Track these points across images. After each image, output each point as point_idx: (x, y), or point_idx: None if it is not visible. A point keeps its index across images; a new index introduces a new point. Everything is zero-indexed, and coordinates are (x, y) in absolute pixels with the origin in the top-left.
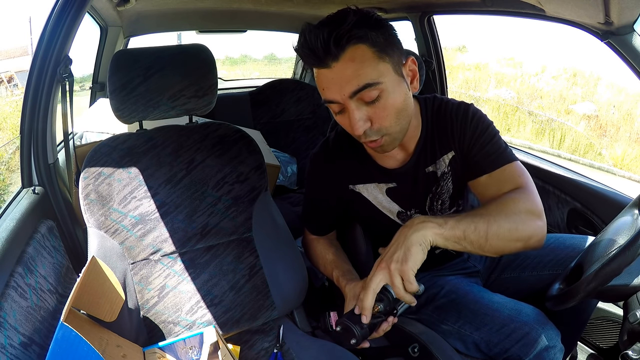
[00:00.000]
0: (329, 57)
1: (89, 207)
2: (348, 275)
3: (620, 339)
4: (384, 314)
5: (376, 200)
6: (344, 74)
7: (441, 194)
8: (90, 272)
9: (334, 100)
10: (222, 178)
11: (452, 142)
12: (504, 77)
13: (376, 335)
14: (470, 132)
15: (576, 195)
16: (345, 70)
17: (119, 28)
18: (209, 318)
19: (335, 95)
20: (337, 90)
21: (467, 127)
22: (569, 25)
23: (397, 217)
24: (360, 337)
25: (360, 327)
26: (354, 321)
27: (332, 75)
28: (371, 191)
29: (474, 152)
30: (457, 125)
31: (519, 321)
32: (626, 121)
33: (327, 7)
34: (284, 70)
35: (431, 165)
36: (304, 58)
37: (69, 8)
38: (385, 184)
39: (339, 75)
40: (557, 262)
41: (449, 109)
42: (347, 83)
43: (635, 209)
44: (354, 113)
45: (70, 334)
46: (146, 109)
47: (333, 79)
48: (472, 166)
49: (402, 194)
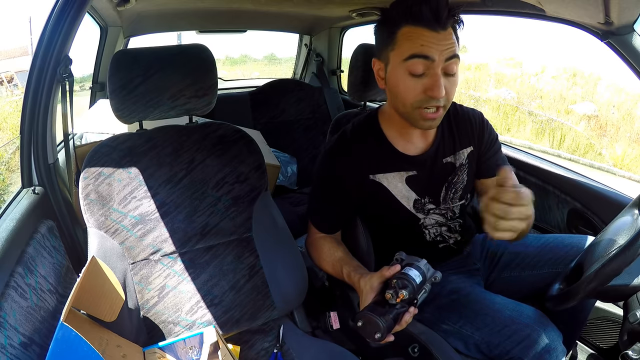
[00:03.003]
0: (442, 22)
1: (89, 207)
2: (360, 270)
3: (620, 339)
4: (407, 303)
5: (396, 190)
6: (447, 41)
7: (456, 184)
8: (90, 272)
9: (431, 57)
10: (222, 178)
11: (472, 139)
12: (504, 77)
13: (399, 327)
14: (486, 136)
15: (576, 195)
16: (448, 38)
17: (119, 28)
18: (209, 318)
19: (434, 53)
20: (438, 51)
21: (484, 131)
22: (569, 25)
23: (413, 205)
24: (385, 330)
25: (385, 318)
26: (378, 313)
27: (437, 38)
28: (391, 180)
29: (488, 155)
30: (476, 127)
31: (520, 322)
32: (626, 121)
33: (327, 7)
34: (284, 70)
35: (450, 157)
36: (417, 14)
37: (69, 8)
38: (406, 172)
39: (443, 40)
40: (557, 261)
41: (466, 110)
42: (448, 48)
43: (635, 209)
44: (441, 78)
45: (70, 334)
46: (146, 109)
47: (437, 41)
48: (483, 167)
49: (420, 181)
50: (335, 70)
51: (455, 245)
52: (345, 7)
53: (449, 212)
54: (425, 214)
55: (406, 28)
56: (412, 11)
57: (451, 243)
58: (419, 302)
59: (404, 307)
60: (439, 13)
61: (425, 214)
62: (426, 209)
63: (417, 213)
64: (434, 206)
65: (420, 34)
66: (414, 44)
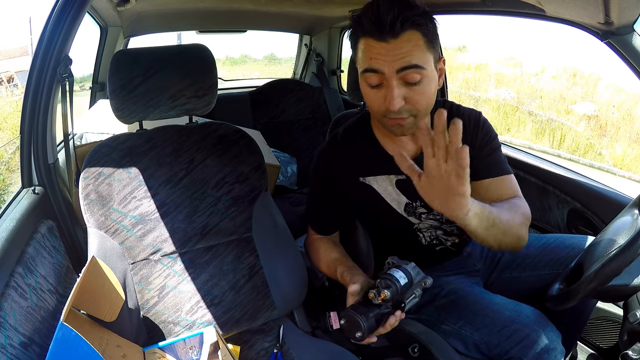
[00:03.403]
0: (391, 32)
1: (89, 207)
2: (354, 271)
3: (620, 339)
4: (391, 305)
5: (386, 192)
6: (398, 51)
7: None
8: (90, 272)
9: (380, 71)
10: (222, 178)
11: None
12: (504, 77)
13: (382, 330)
14: (481, 137)
15: (576, 195)
16: (400, 48)
17: (119, 28)
18: (209, 318)
19: (383, 66)
20: (387, 63)
21: (479, 131)
22: (569, 25)
23: (405, 209)
24: (366, 330)
25: (365, 317)
26: (360, 312)
27: (386, 49)
28: (381, 183)
29: (483, 155)
30: (470, 128)
31: (520, 323)
32: (626, 121)
33: (327, 7)
34: (284, 70)
35: None
36: (364, 26)
37: (69, 8)
38: (395, 176)
39: (392, 51)
40: (557, 262)
41: (462, 111)
42: (399, 59)
43: (635, 209)
44: (395, 90)
45: (70, 334)
46: (146, 109)
47: (386, 52)
48: (478, 168)
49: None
50: (335, 70)
51: (453, 247)
52: (345, 7)
53: (443, 217)
54: (418, 218)
55: (362, 40)
56: (360, 23)
57: (449, 245)
58: (407, 306)
59: (387, 308)
60: (381, 21)
61: (418, 219)
62: (417, 212)
63: (409, 217)
64: (425, 211)
65: (370, 45)
66: (366, 57)
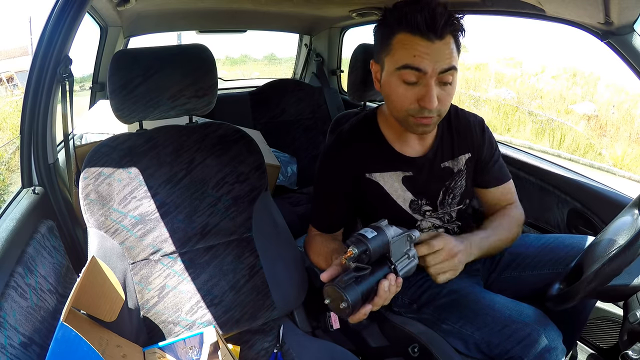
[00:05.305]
0: (437, 32)
1: (89, 207)
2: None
3: (620, 339)
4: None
5: (392, 189)
6: (443, 52)
7: (454, 189)
8: (90, 272)
9: (423, 70)
10: (222, 178)
11: (470, 147)
12: (504, 77)
13: (378, 299)
14: (487, 145)
15: (576, 195)
16: (444, 49)
17: (119, 28)
18: (209, 318)
19: (427, 65)
20: (431, 63)
21: (485, 139)
22: (569, 25)
23: (409, 206)
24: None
25: (342, 284)
26: (335, 281)
27: (432, 49)
28: (387, 179)
29: (489, 166)
30: (476, 135)
31: (520, 322)
32: (626, 121)
33: (327, 7)
34: (284, 70)
35: (448, 162)
36: (412, 22)
37: (69, 8)
38: (402, 172)
39: (437, 51)
40: (557, 261)
41: (466, 116)
42: (443, 60)
43: (635, 209)
44: (434, 89)
45: (70, 334)
46: (146, 109)
47: (431, 52)
48: (485, 178)
49: (417, 183)
50: (335, 70)
51: None
52: (345, 7)
53: (446, 216)
54: (422, 215)
55: (401, 35)
56: (408, 18)
57: None
58: (403, 270)
59: (366, 269)
60: (434, 22)
61: (422, 216)
62: (422, 210)
63: (414, 214)
64: (430, 208)
65: (414, 43)
66: (407, 54)
